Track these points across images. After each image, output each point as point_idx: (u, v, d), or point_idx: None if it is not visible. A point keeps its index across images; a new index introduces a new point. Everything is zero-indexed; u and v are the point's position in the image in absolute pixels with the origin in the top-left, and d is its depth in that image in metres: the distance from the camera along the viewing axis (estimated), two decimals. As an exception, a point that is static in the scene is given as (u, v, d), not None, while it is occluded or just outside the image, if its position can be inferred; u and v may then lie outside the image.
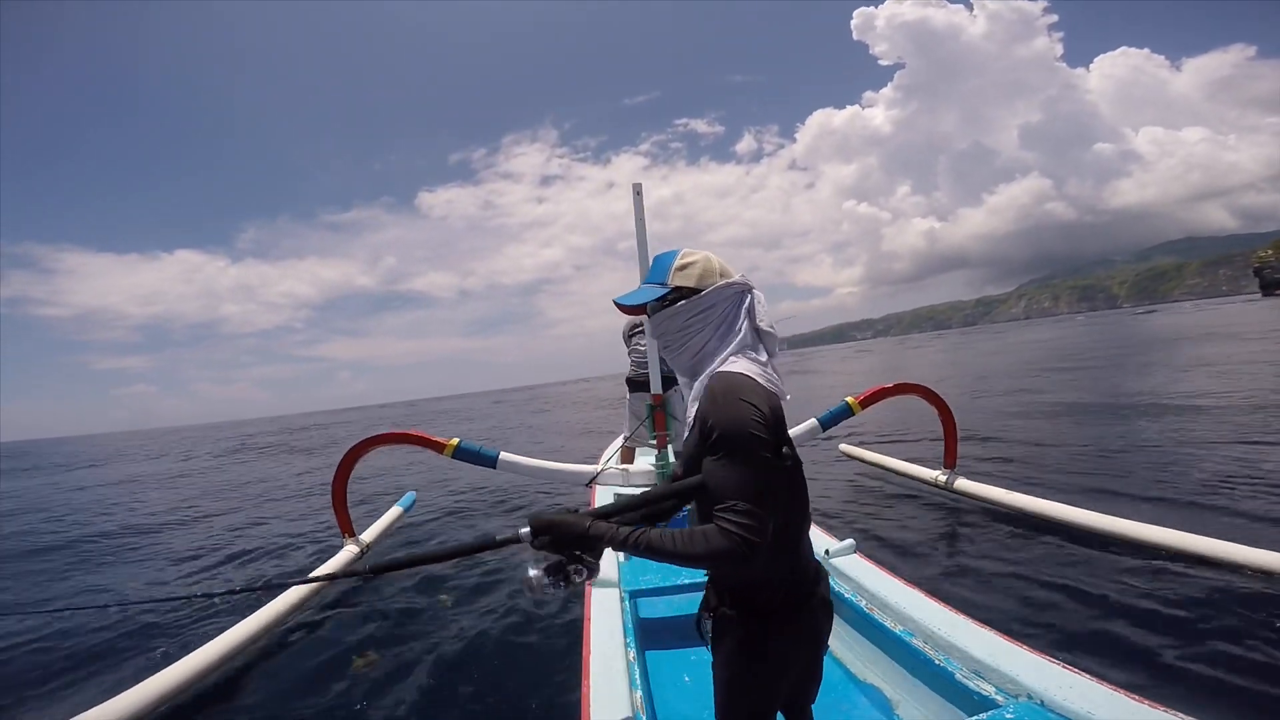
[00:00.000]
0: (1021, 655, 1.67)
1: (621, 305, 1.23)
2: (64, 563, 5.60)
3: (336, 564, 3.82)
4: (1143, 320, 56.10)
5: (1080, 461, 5.38)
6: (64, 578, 5.09)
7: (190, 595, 4.22)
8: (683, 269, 1.16)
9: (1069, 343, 28.75)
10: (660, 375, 3.90)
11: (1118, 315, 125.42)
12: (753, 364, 1.09)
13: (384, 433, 4.06)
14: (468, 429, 17.88)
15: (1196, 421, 6.42)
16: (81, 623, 3.67)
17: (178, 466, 16.78)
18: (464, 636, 3.03)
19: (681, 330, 1.14)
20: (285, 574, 4.60)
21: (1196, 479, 4.40)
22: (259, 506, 7.82)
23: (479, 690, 2.55)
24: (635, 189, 3.56)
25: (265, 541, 5.55)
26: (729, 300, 1.14)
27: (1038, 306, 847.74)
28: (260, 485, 10.23)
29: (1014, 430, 7.23)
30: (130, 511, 8.59)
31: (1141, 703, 1.40)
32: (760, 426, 1.00)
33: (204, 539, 6.05)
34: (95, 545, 6.25)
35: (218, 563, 5.07)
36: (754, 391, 1.04)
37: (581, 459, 4.71)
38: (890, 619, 2.05)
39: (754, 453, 0.98)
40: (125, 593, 4.48)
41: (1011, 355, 23.78)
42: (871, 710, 1.92)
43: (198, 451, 23.19)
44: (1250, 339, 17.43)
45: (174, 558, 5.42)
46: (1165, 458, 5.11)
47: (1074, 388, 11.13)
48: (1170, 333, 26.59)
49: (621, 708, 1.58)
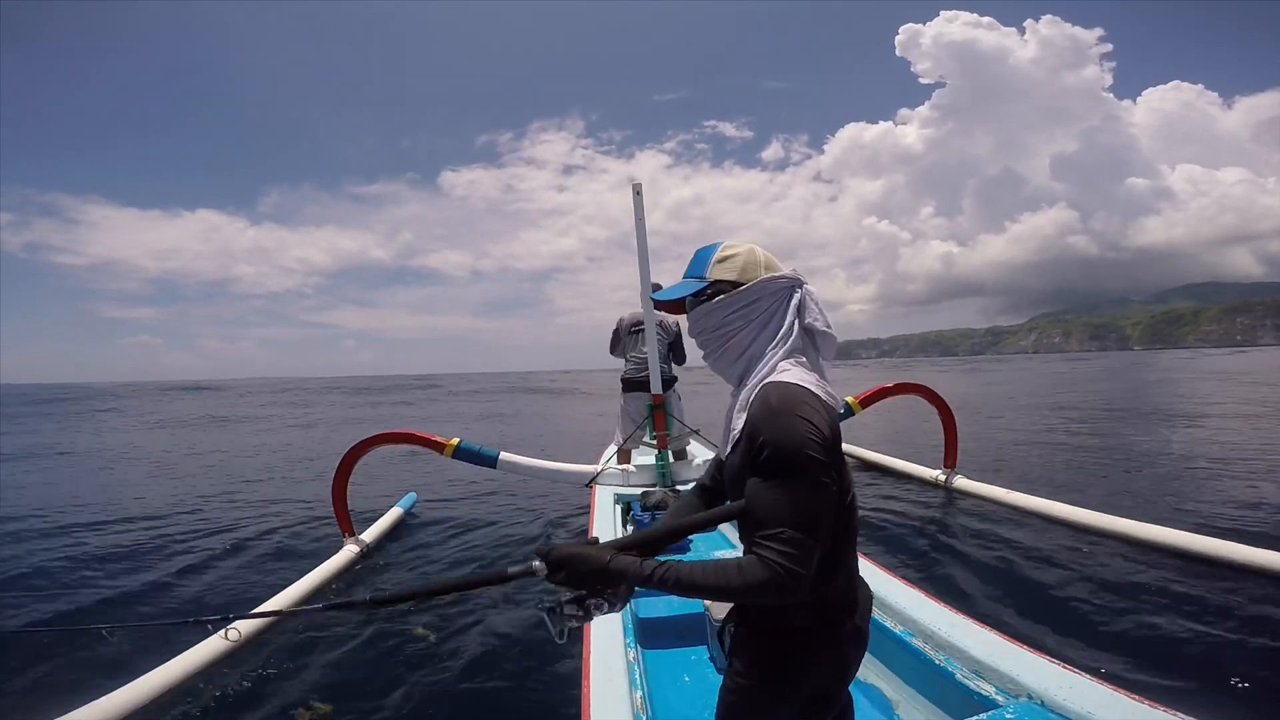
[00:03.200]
0: (1021, 655, 1.67)
1: (659, 301, 1.14)
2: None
3: (337, 564, 3.81)
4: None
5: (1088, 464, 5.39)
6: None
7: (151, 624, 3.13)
8: (723, 261, 1.05)
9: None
10: (660, 375, 3.91)
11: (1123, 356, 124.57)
12: (808, 373, 0.99)
13: (384, 432, 4.07)
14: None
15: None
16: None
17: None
18: (456, 659, 2.75)
19: (720, 327, 1.04)
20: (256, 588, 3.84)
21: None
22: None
23: (479, 691, 2.55)
24: (635, 188, 3.56)
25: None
26: (775, 295, 1.02)
27: (1047, 341, 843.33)
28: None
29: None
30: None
31: (1142, 703, 1.40)
32: (818, 447, 0.88)
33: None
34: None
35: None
36: (813, 407, 0.92)
37: (582, 459, 4.71)
38: (890, 619, 2.05)
39: (808, 476, 0.88)
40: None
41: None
42: (871, 710, 1.92)
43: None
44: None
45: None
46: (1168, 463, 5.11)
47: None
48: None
49: (621, 708, 1.58)
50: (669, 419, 3.99)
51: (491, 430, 14.36)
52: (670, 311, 1.19)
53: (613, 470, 4.08)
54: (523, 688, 2.53)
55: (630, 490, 3.91)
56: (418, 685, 2.61)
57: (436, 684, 2.62)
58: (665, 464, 3.82)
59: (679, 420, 4.15)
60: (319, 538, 5.17)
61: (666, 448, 3.88)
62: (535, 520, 5.01)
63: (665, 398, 3.96)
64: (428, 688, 2.59)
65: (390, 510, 4.99)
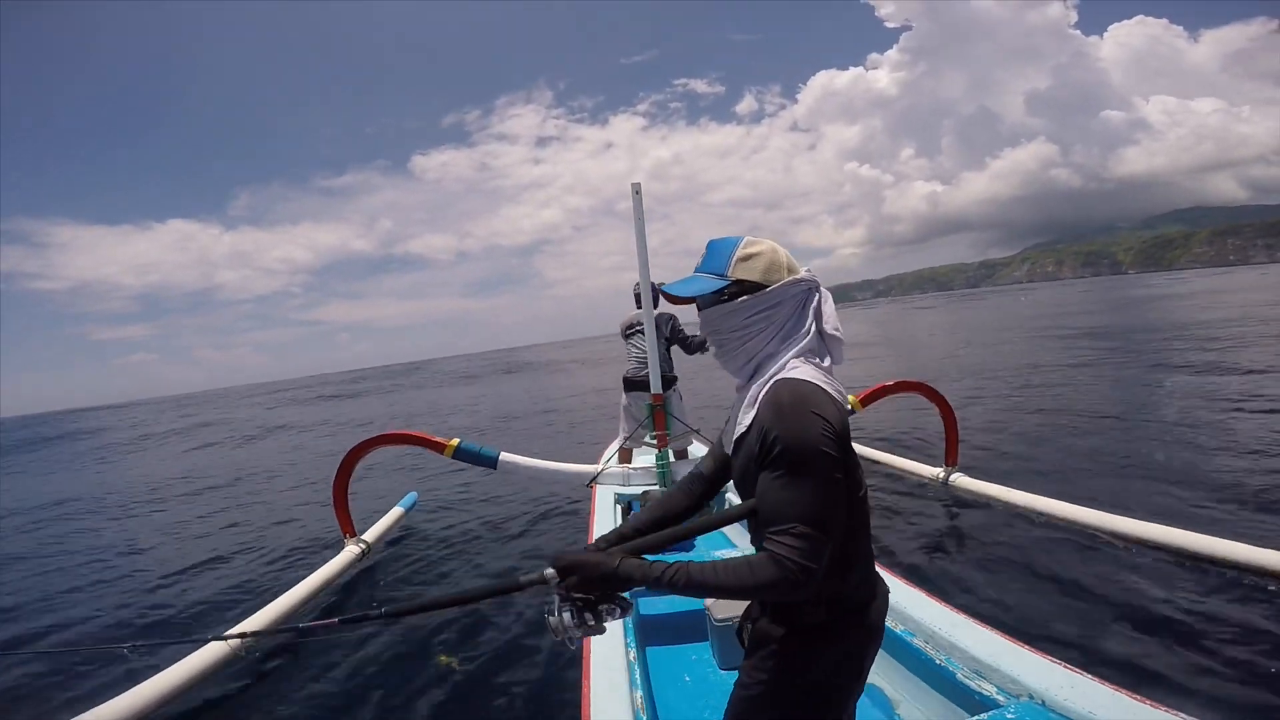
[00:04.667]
0: (1023, 655, 1.67)
1: (671, 295, 1.09)
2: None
3: (339, 565, 3.81)
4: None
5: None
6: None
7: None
8: (746, 260, 1.02)
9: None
10: (660, 375, 3.90)
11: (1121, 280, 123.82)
12: (819, 371, 0.98)
13: (385, 433, 4.08)
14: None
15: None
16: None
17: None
18: (456, 659, 2.76)
19: (740, 330, 1.02)
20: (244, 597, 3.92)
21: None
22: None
23: (479, 691, 2.55)
24: (634, 188, 3.55)
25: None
26: (795, 299, 1.02)
27: (1041, 271, 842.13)
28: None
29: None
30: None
31: (1143, 702, 1.40)
32: (831, 443, 0.89)
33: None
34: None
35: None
36: (823, 403, 0.92)
37: (582, 459, 4.70)
38: (890, 618, 2.04)
39: (820, 471, 0.88)
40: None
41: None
42: (872, 710, 1.92)
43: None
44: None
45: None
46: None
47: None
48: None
49: (622, 707, 1.58)
50: (669, 418, 3.99)
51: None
52: (681, 305, 1.15)
53: (613, 470, 4.09)
54: (523, 687, 2.54)
55: (630, 490, 3.91)
56: (418, 685, 2.62)
57: (437, 684, 2.62)
58: (665, 464, 3.82)
59: (680, 420, 4.15)
60: (319, 538, 5.19)
61: (667, 447, 3.88)
62: (535, 520, 5.01)
63: (666, 397, 3.96)
64: (429, 688, 2.60)
65: (391, 510, 4.99)
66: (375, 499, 5.78)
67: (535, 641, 2.89)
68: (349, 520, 4.04)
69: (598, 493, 3.91)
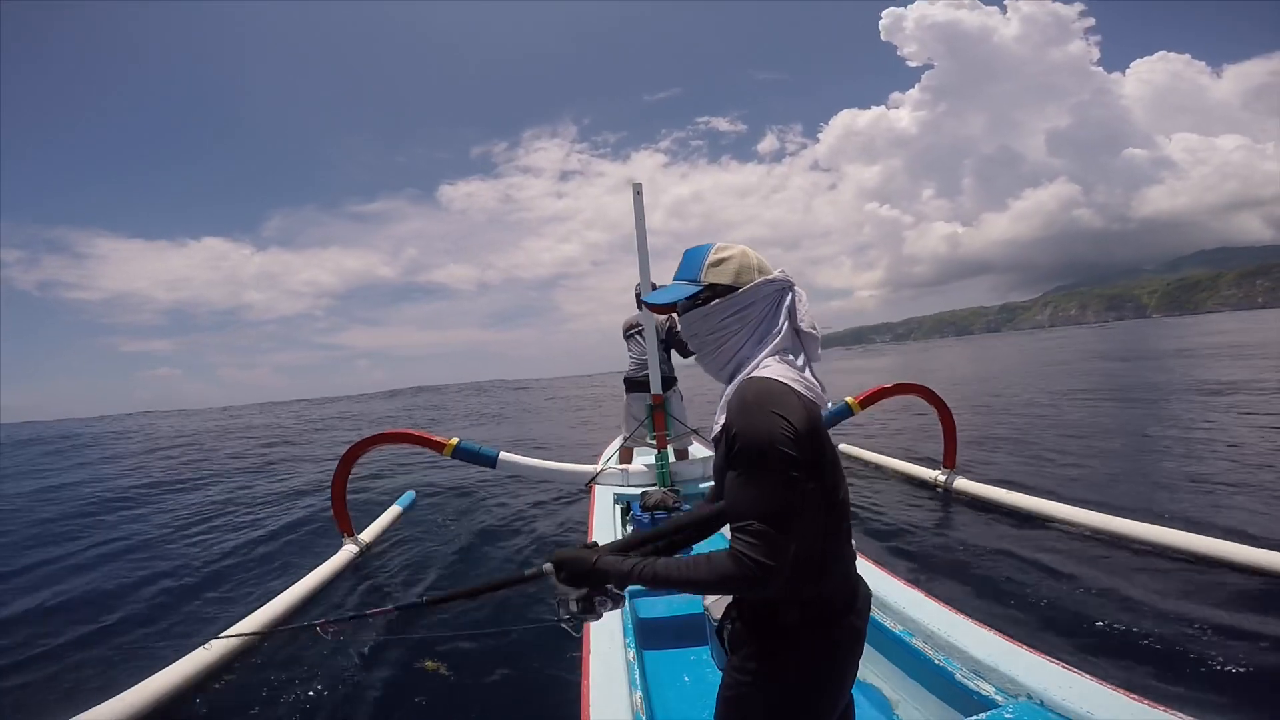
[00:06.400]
0: (1021, 655, 1.67)
1: (651, 304, 1.15)
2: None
3: (337, 563, 3.81)
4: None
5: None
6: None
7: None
8: (717, 265, 1.06)
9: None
10: (660, 375, 3.91)
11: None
12: (789, 369, 0.99)
13: (384, 432, 4.07)
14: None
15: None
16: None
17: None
18: (455, 659, 2.74)
19: (716, 331, 1.05)
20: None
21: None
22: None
23: (479, 690, 2.55)
24: (635, 188, 3.56)
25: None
26: (768, 299, 1.05)
27: (1063, 314, 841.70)
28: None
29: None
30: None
31: (1141, 702, 1.40)
32: (789, 442, 0.90)
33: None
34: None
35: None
36: (787, 402, 0.93)
37: (581, 459, 4.71)
38: (889, 619, 2.05)
39: (776, 470, 0.89)
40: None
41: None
42: (871, 710, 1.92)
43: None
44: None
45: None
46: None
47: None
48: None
49: (621, 708, 1.58)
50: (669, 419, 4.00)
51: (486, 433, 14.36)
52: (661, 314, 1.19)
53: (612, 470, 4.09)
54: (522, 688, 2.53)
55: (630, 490, 3.91)
56: (419, 685, 2.61)
57: (436, 683, 2.62)
58: (665, 464, 3.83)
59: (679, 420, 4.16)
60: (318, 539, 5.18)
61: (667, 447, 3.88)
62: (534, 519, 5.01)
63: (666, 398, 3.96)
64: (429, 688, 2.59)
65: (389, 509, 4.99)
66: (375, 499, 5.77)
67: (535, 642, 2.89)
68: (347, 519, 4.03)
69: (596, 493, 3.92)
